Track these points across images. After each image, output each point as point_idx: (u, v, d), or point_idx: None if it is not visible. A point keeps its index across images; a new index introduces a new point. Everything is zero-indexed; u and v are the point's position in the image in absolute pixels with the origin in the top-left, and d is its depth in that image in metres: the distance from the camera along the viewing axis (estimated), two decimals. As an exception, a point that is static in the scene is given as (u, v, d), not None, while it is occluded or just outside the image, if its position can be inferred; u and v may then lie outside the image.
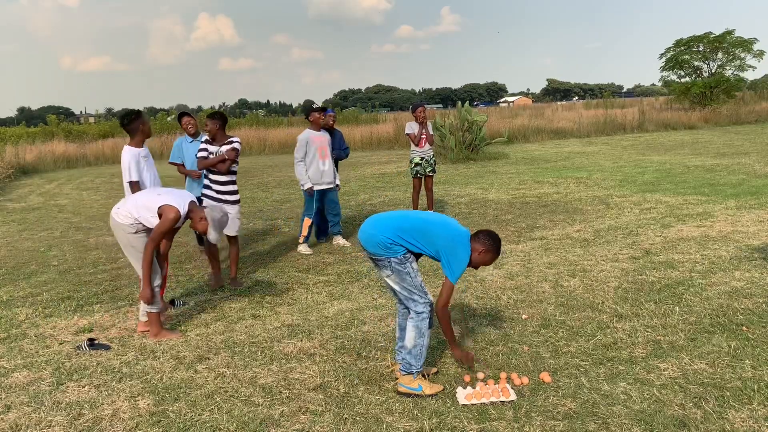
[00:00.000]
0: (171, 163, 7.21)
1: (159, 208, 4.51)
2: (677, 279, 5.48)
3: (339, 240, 7.61)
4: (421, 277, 3.73)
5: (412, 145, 8.67)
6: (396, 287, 3.69)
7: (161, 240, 4.60)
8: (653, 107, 33.11)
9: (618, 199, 9.69)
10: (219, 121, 5.97)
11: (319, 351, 4.33)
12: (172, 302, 5.48)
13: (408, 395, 3.55)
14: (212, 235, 4.61)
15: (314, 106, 7.17)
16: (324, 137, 7.30)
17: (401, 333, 3.79)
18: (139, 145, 5.25)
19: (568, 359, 3.97)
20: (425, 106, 8.80)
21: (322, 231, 7.88)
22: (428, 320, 3.65)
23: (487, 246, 3.62)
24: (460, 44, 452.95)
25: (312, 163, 7.19)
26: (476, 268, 3.72)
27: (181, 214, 4.51)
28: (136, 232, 4.59)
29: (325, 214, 7.64)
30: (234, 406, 3.57)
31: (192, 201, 4.65)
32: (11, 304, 5.83)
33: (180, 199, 4.59)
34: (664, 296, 5.05)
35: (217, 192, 5.97)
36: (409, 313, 3.68)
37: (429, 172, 8.79)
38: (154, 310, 4.66)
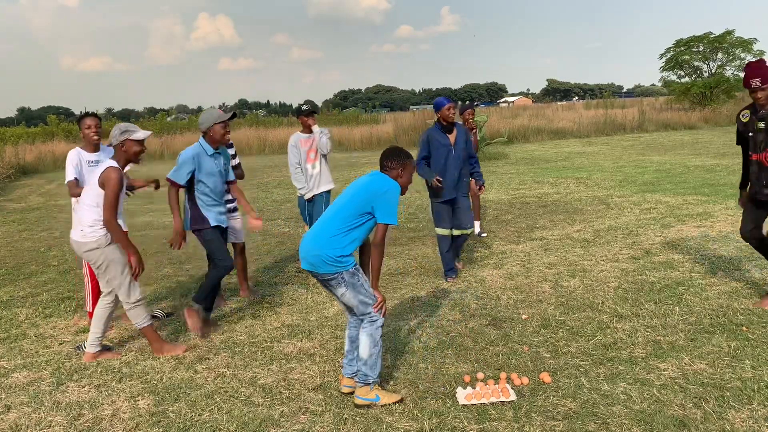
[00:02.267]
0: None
1: (99, 179, 4.08)
2: (677, 279, 5.48)
3: None
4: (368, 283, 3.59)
5: None
6: (352, 302, 3.53)
7: (117, 205, 4.09)
8: (653, 107, 33.11)
9: (618, 199, 9.69)
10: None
11: (319, 351, 4.33)
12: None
13: (366, 407, 3.47)
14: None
15: (303, 108, 6.56)
16: (311, 140, 6.56)
17: (351, 345, 3.70)
18: (88, 149, 4.87)
19: (568, 359, 3.97)
20: (474, 108, 7.84)
21: None
22: (381, 328, 3.57)
23: (399, 163, 3.60)
24: (460, 44, 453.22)
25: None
26: (406, 189, 3.67)
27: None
28: (108, 244, 4.16)
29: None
30: (234, 406, 3.57)
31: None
32: (11, 304, 5.83)
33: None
34: (664, 296, 5.05)
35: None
36: (362, 322, 3.58)
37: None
38: (146, 324, 4.32)
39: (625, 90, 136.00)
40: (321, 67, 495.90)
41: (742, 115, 4.60)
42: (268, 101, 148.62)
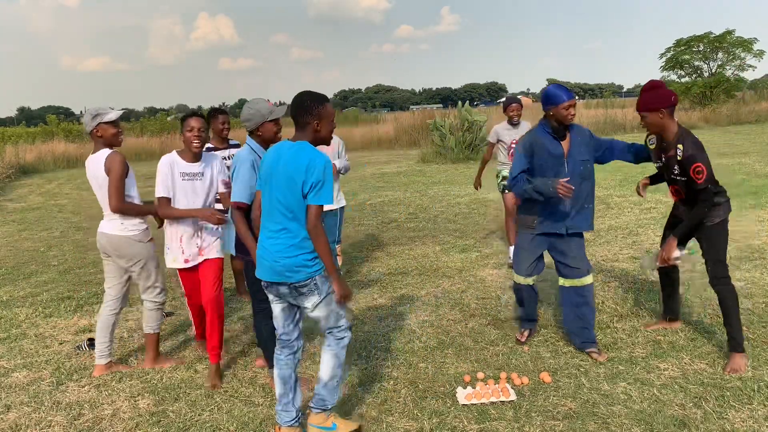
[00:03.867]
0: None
1: (104, 168, 3.83)
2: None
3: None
4: None
5: (500, 155, 6.50)
6: (323, 314, 3.04)
7: (122, 190, 3.84)
8: (653, 107, 33.04)
9: (618, 199, 9.68)
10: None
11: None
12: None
13: None
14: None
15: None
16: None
17: (284, 387, 3.17)
18: (186, 157, 4.06)
19: (568, 359, 3.97)
20: (520, 102, 6.53)
21: None
22: (346, 348, 3.18)
23: (316, 112, 2.99)
24: (460, 44, 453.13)
25: None
26: (330, 138, 3.13)
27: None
28: (149, 240, 4.03)
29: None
30: (234, 406, 3.57)
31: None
32: (11, 304, 5.83)
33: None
34: (664, 296, 5.04)
35: None
36: (326, 341, 3.16)
37: None
38: (156, 331, 4.17)
39: (625, 90, 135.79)
40: (321, 67, 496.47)
41: (649, 141, 4.13)
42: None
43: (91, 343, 4.57)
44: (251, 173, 3.51)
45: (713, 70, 32.89)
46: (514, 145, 5.67)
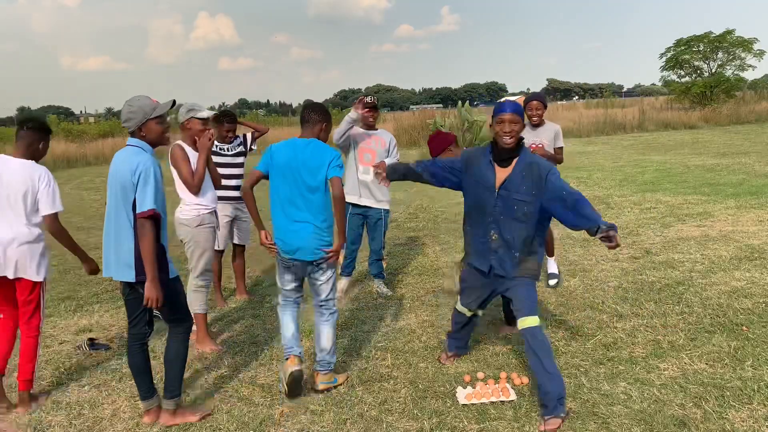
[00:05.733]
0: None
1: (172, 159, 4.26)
2: (677, 279, 5.48)
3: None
4: None
5: None
6: (330, 285, 3.76)
7: (198, 175, 4.19)
8: (653, 107, 33.08)
9: (618, 199, 9.68)
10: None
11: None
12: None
13: (328, 390, 3.69)
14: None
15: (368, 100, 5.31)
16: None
17: (296, 326, 3.79)
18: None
19: (568, 359, 3.97)
20: (543, 100, 5.54)
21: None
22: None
23: (318, 117, 3.70)
24: (459, 44, 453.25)
25: None
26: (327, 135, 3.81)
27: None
28: (197, 226, 4.27)
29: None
30: (234, 406, 3.57)
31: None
32: (11, 304, 5.82)
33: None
34: (664, 296, 5.05)
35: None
36: (322, 316, 3.78)
37: None
38: (202, 311, 4.42)
39: (625, 89, 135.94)
40: (321, 67, 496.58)
41: None
42: (268, 101, 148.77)
43: (92, 343, 4.57)
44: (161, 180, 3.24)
45: (713, 70, 32.87)
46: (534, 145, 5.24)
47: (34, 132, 3.67)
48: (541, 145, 5.30)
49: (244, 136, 5.55)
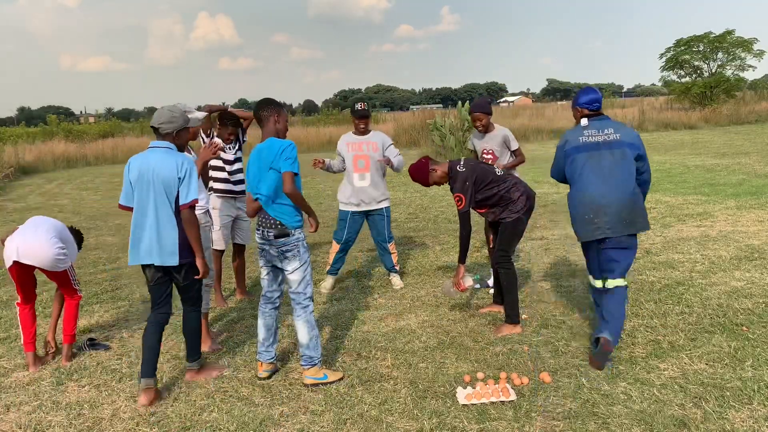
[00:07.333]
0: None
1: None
2: (677, 279, 5.48)
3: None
4: None
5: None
6: (299, 276, 3.78)
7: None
8: (653, 107, 33.10)
9: (618, 199, 9.67)
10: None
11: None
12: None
13: (316, 385, 3.74)
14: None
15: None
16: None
17: (267, 333, 3.93)
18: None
19: (568, 359, 3.97)
20: (483, 110, 5.46)
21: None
22: (312, 312, 3.86)
23: (266, 113, 3.81)
24: (459, 44, 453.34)
25: None
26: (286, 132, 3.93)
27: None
28: (203, 224, 4.31)
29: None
30: (234, 406, 3.57)
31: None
32: (11, 304, 5.82)
33: None
34: (664, 296, 5.05)
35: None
36: (295, 311, 3.82)
37: None
38: (204, 310, 4.41)
39: (625, 90, 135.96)
40: (321, 67, 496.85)
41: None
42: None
43: (92, 343, 4.57)
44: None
45: (713, 70, 32.88)
46: (485, 156, 5.49)
47: None
48: (491, 155, 5.50)
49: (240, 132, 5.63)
